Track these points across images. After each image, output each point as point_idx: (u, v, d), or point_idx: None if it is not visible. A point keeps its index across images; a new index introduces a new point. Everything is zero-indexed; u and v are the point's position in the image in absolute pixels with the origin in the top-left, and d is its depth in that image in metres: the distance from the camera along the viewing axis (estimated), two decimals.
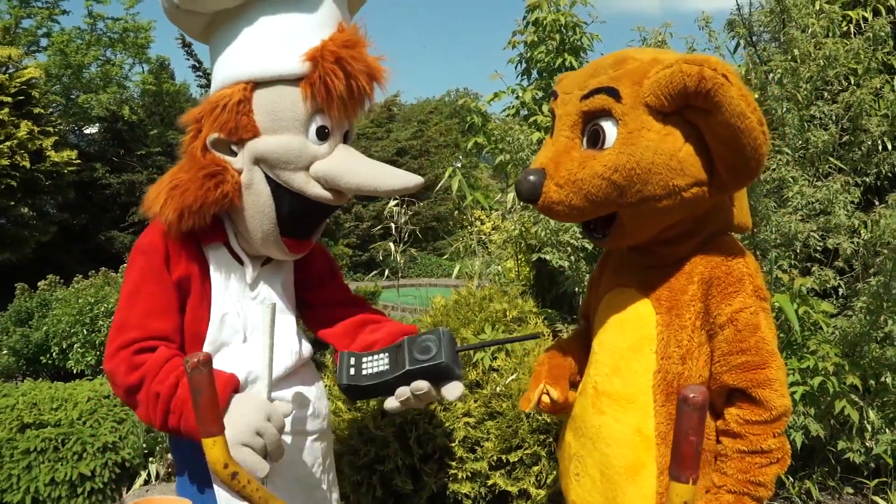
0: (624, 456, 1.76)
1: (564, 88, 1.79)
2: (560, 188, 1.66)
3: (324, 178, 1.83)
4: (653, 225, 1.71)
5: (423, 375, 1.76)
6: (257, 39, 1.82)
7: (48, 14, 18.57)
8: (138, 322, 1.84)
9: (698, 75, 1.51)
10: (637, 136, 1.60)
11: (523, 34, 5.32)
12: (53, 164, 12.94)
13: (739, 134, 1.53)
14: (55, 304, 7.36)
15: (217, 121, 1.80)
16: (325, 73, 1.75)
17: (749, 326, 1.67)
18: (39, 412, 4.18)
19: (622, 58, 1.71)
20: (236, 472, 1.45)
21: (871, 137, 4.38)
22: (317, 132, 1.83)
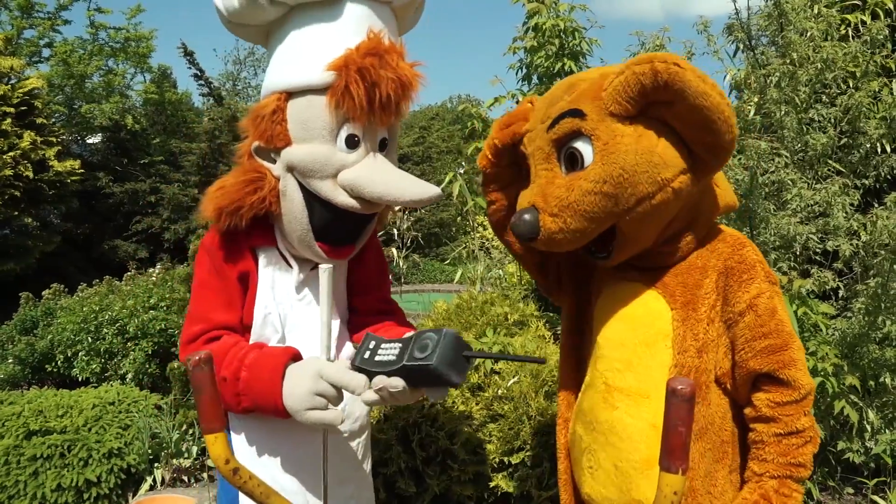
0: (638, 450, 1.77)
1: (531, 125, 1.83)
2: (556, 217, 1.68)
3: (349, 187, 1.86)
4: (653, 227, 1.73)
5: (415, 373, 1.72)
6: (289, 50, 1.88)
7: (50, 24, 18.62)
8: (202, 315, 1.94)
9: (651, 70, 1.55)
10: (613, 144, 1.63)
11: (523, 39, 5.35)
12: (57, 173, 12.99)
13: (707, 112, 1.56)
14: (60, 312, 7.38)
15: (258, 129, 1.87)
16: (347, 83, 1.78)
17: (768, 310, 1.70)
18: (45, 419, 4.20)
19: (571, 83, 1.76)
20: (238, 467, 1.47)
21: (869, 140, 4.40)
22: (346, 140, 1.86)
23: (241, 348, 1.86)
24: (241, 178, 1.87)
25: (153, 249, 17.71)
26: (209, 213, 1.88)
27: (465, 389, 3.51)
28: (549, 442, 3.27)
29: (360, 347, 1.83)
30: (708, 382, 1.76)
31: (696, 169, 1.67)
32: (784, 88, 4.27)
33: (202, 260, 1.99)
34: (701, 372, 1.75)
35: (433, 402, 1.85)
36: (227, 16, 1.94)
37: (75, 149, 19.11)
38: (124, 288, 7.74)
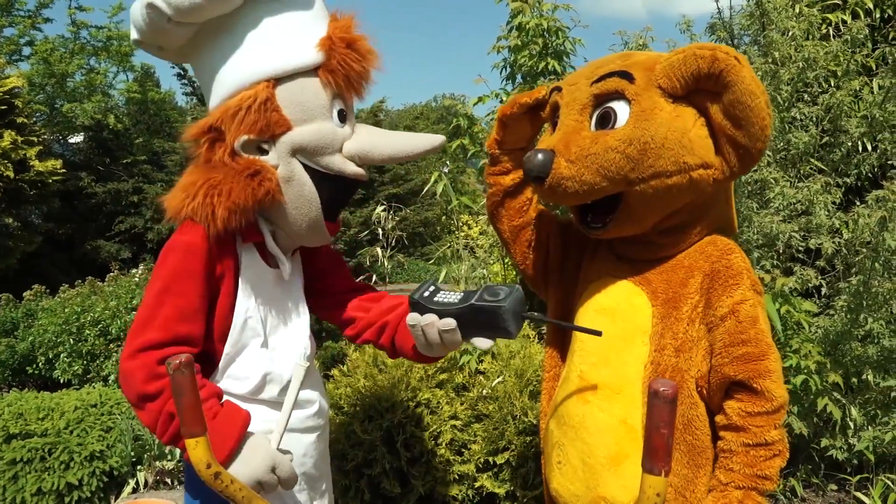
0: (606, 446, 1.76)
1: (570, 81, 1.84)
2: (572, 164, 1.68)
3: (357, 156, 1.92)
4: (658, 208, 1.74)
5: (481, 314, 1.74)
6: (266, 38, 1.86)
7: (31, 23, 18.45)
8: (164, 323, 1.78)
9: (711, 57, 1.59)
10: (650, 113, 1.66)
11: (507, 39, 5.35)
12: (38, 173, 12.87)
13: (750, 112, 1.60)
14: (41, 314, 7.33)
15: (244, 123, 1.81)
16: (341, 59, 1.86)
17: (749, 318, 1.70)
18: (26, 422, 4.16)
19: (628, 53, 1.81)
20: (219, 472, 1.46)
21: (850, 139, 4.42)
22: (338, 115, 1.91)
23: (200, 386, 1.76)
24: (240, 176, 1.80)
25: (136, 250, 17.62)
26: (222, 213, 1.77)
27: (449, 390, 3.51)
28: (534, 441, 3.27)
29: (420, 287, 1.88)
30: (683, 383, 1.75)
31: (718, 168, 1.70)
32: (766, 87, 4.28)
33: (170, 260, 1.84)
34: (677, 371, 1.75)
35: (481, 349, 1.87)
36: (171, 13, 1.79)
37: (57, 148, 18.98)
38: (106, 289, 7.69)
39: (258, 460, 1.75)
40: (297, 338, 2.06)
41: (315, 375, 2.15)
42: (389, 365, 3.55)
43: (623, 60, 1.76)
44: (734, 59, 1.58)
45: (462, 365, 3.60)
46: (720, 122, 1.66)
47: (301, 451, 2.00)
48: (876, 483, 3.80)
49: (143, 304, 1.84)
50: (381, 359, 3.63)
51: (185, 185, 1.84)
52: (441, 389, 3.49)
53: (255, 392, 1.92)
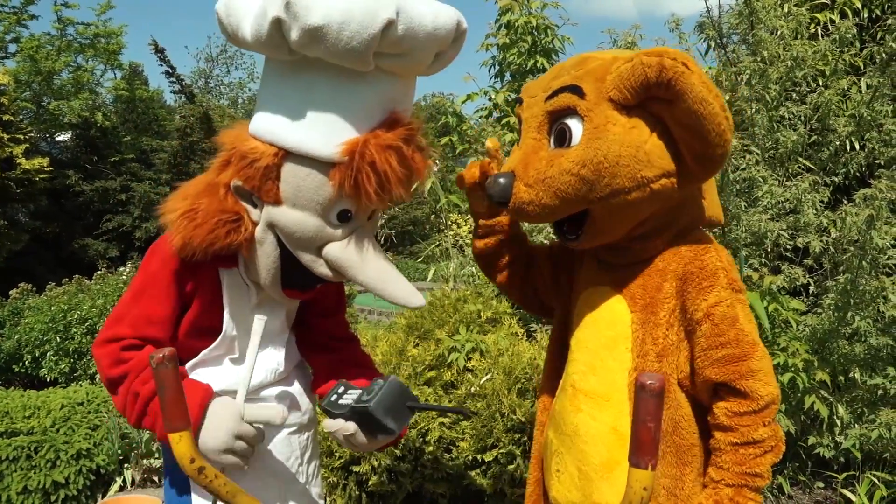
0: (599, 454, 1.77)
1: (530, 93, 1.80)
2: (530, 188, 1.67)
3: (333, 263, 1.81)
4: (625, 220, 1.71)
5: (361, 417, 1.77)
6: (302, 108, 1.72)
7: (16, 19, 18.34)
8: (133, 322, 1.85)
9: (658, 65, 1.53)
10: (603, 130, 1.62)
11: (496, 37, 5.35)
12: (25, 171, 12.82)
13: (703, 120, 1.55)
14: (27, 312, 7.30)
15: (243, 171, 1.75)
16: (356, 172, 1.67)
17: (727, 319, 1.66)
18: (11, 420, 4.12)
19: (584, 58, 1.73)
20: (203, 466, 1.45)
21: (838, 137, 4.44)
22: (339, 215, 1.78)
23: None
24: (215, 217, 1.75)
25: (124, 248, 17.56)
26: (176, 241, 1.76)
27: (437, 387, 3.50)
28: (522, 439, 3.27)
29: (331, 391, 1.88)
30: (668, 386, 1.74)
31: (681, 174, 1.66)
32: (755, 86, 4.30)
33: (151, 263, 1.89)
34: (662, 376, 1.74)
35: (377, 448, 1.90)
36: (231, 39, 1.78)
37: (44, 146, 18.89)
38: (94, 287, 7.66)
39: (227, 418, 1.76)
40: (272, 354, 2.03)
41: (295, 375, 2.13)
42: (378, 362, 3.55)
43: (577, 69, 1.70)
44: (682, 66, 1.52)
45: (450, 362, 3.59)
46: (676, 130, 1.62)
47: (266, 446, 1.98)
48: (862, 480, 3.81)
49: (123, 297, 1.91)
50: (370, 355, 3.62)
51: (184, 194, 1.83)
52: (429, 387, 3.49)
53: (220, 393, 1.91)
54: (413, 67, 1.76)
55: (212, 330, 1.93)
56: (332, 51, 1.59)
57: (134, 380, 1.80)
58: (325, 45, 1.58)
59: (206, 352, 1.94)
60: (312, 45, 1.59)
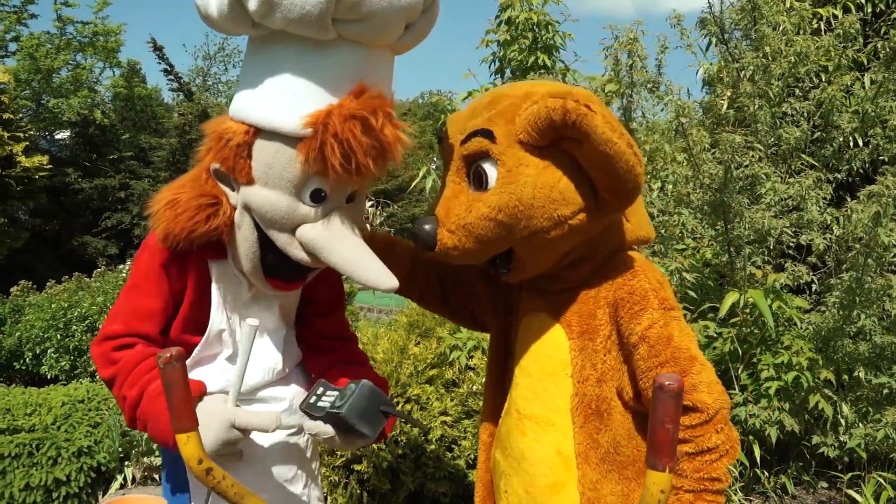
0: (545, 476, 1.80)
1: (450, 132, 1.81)
2: (452, 234, 1.70)
3: (305, 245, 1.77)
4: (549, 256, 1.74)
5: (335, 421, 1.78)
6: (268, 83, 1.70)
7: (16, 18, 18.31)
8: (125, 318, 1.87)
9: (562, 109, 1.54)
10: (515, 173, 1.63)
11: (496, 33, 5.33)
12: (24, 169, 12.80)
13: (610, 159, 1.57)
14: (28, 309, 7.28)
15: (219, 153, 1.74)
16: (321, 144, 1.62)
17: (661, 340, 1.69)
18: (13, 418, 4.12)
19: (497, 96, 1.74)
20: (211, 468, 1.43)
21: (842, 134, 4.42)
22: (311, 195, 1.74)
23: (145, 371, 1.80)
24: (195, 202, 1.75)
25: (123, 246, 17.52)
26: (159, 234, 1.77)
27: (439, 386, 3.50)
28: None
29: (310, 392, 1.88)
30: (609, 409, 1.78)
31: (598, 208, 1.69)
32: (757, 82, 4.28)
33: (142, 260, 1.89)
34: (601, 400, 1.77)
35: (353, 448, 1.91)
36: (204, 19, 1.75)
37: (43, 144, 18.85)
38: (94, 284, 7.65)
39: (216, 423, 1.73)
40: (269, 353, 2.01)
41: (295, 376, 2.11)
42: (379, 360, 3.53)
43: (488, 110, 1.71)
44: (584, 108, 1.54)
45: (452, 361, 3.58)
46: (587, 168, 1.63)
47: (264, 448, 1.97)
48: (868, 481, 3.80)
49: (119, 295, 1.94)
50: (371, 354, 3.61)
51: (169, 186, 1.84)
52: (431, 385, 3.48)
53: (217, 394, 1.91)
54: (379, 36, 1.71)
55: (205, 325, 1.92)
56: (289, 17, 1.57)
57: (123, 383, 1.81)
58: (282, 12, 1.57)
59: (198, 350, 1.92)
60: (270, 14, 1.58)
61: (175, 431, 1.42)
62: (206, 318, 1.92)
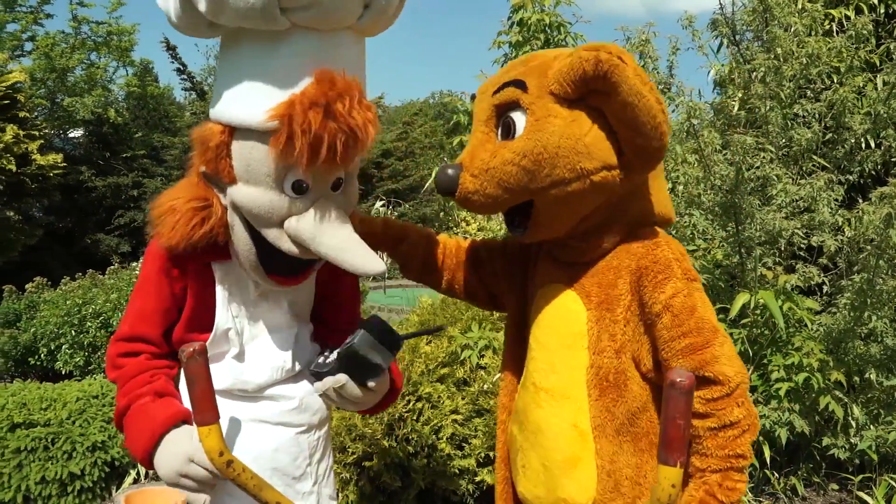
0: (561, 450, 1.79)
1: (482, 89, 1.85)
2: (475, 178, 1.71)
3: (294, 237, 1.77)
4: (569, 213, 1.74)
5: (347, 361, 1.80)
6: (234, 80, 1.73)
7: (33, 18, 18.46)
8: (130, 320, 1.93)
9: (595, 59, 1.56)
10: (543, 122, 1.66)
11: (508, 34, 5.34)
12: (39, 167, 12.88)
13: (638, 112, 1.59)
14: (43, 305, 7.34)
15: (203, 156, 1.76)
16: (289, 136, 1.62)
17: (686, 309, 1.68)
18: (29, 412, 4.17)
19: (530, 56, 1.80)
20: (231, 460, 1.46)
21: (854, 135, 4.42)
22: (293, 187, 1.74)
23: (139, 385, 1.84)
24: (189, 205, 1.77)
25: (135, 244, 17.62)
26: (162, 241, 1.79)
27: (450, 384, 3.51)
28: None
29: (317, 357, 1.93)
30: (626, 381, 1.77)
31: (622, 168, 1.69)
32: (769, 83, 4.28)
33: (146, 262, 1.94)
34: (619, 372, 1.76)
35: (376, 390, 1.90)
36: (172, 25, 1.77)
37: (58, 142, 18.98)
38: (107, 281, 7.69)
39: (178, 453, 1.74)
40: (278, 351, 2.01)
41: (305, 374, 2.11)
42: None
43: (523, 66, 1.76)
44: (617, 59, 1.56)
45: (463, 360, 3.60)
46: (614, 124, 1.66)
47: (272, 446, 1.96)
48: (879, 483, 3.80)
49: (130, 296, 2.00)
50: None
51: (168, 193, 1.84)
52: (442, 384, 3.49)
53: (223, 392, 1.91)
54: (333, 20, 1.69)
55: (210, 325, 1.93)
56: (238, 13, 1.59)
57: (119, 391, 1.87)
58: (230, 9, 1.58)
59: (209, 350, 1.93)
60: (220, 13, 1.60)
61: (197, 424, 1.44)
62: (209, 318, 1.93)
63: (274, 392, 2.00)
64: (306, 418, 2.04)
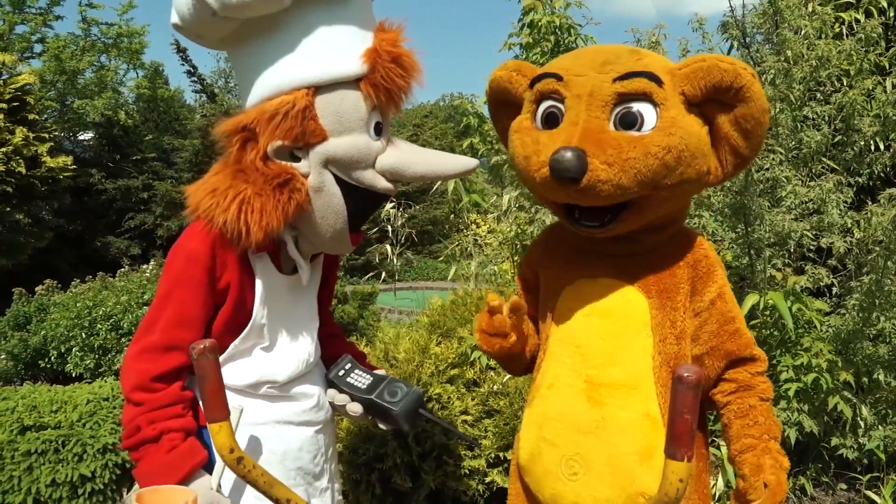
0: (636, 442, 1.76)
1: (575, 70, 1.76)
2: (609, 167, 1.63)
3: (390, 171, 1.92)
4: (665, 209, 1.78)
5: (378, 408, 1.98)
6: (310, 45, 1.83)
7: (42, 20, 18.51)
8: (164, 327, 1.84)
9: (734, 72, 1.63)
10: (681, 119, 1.68)
11: (519, 36, 5.35)
12: (49, 169, 12.93)
13: (759, 127, 1.69)
14: (53, 308, 7.35)
15: (280, 128, 1.79)
16: (385, 72, 1.84)
17: (732, 300, 1.86)
18: (39, 415, 4.18)
19: (636, 51, 1.81)
20: (242, 457, 1.47)
21: (863, 138, 4.42)
22: (375, 128, 1.90)
23: (168, 416, 1.81)
24: (270, 185, 1.78)
25: (146, 246, 17.66)
26: (257, 234, 1.77)
27: (460, 385, 3.52)
28: None
29: (337, 364, 2.07)
30: None
31: (716, 174, 1.80)
32: (779, 86, 4.28)
33: (175, 265, 1.88)
34: (681, 358, 1.82)
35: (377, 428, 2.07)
36: (217, 7, 1.78)
37: (67, 145, 19.06)
38: (118, 284, 7.71)
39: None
40: (303, 343, 2.06)
41: (317, 371, 2.15)
42: (400, 360, 3.57)
43: (636, 58, 1.74)
44: (751, 76, 1.64)
45: (473, 360, 3.61)
46: (727, 132, 1.72)
47: (296, 446, 2.01)
48: (887, 483, 3.79)
49: (152, 305, 1.91)
50: (392, 353, 3.65)
51: (215, 188, 1.83)
52: (452, 385, 3.50)
53: (251, 388, 1.95)
54: None
55: (245, 322, 1.95)
56: None
57: (143, 414, 1.80)
58: None
59: (235, 345, 1.94)
60: None
61: (208, 421, 1.46)
62: (245, 314, 1.94)
63: (296, 391, 2.04)
64: (322, 416, 2.09)
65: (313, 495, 2.06)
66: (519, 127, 1.85)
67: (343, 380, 2.02)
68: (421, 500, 3.38)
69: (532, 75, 1.88)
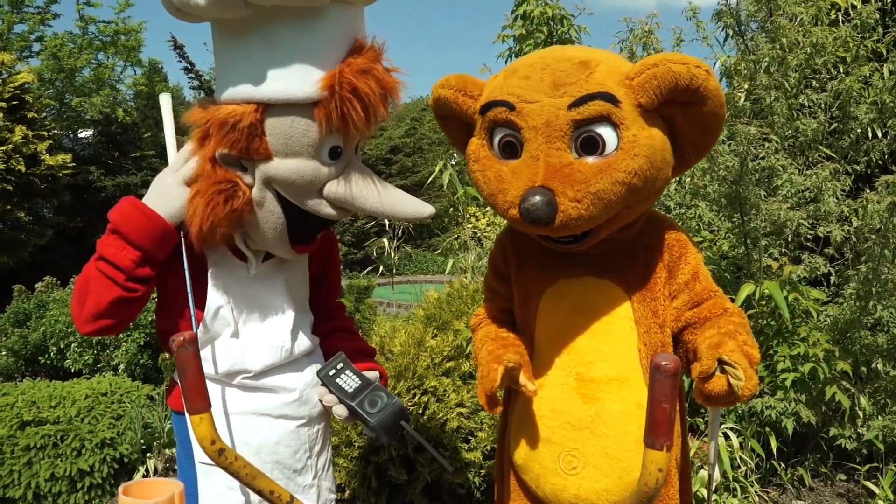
0: (631, 433, 1.77)
1: (526, 96, 1.68)
2: (579, 203, 1.61)
3: (336, 200, 1.84)
4: (635, 215, 1.77)
5: (357, 416, 1.92)
6: (270, 59, 1.74)
7: (40, 19, 18.48)
8: None
9: (688, 73, 1.57)
10: (641, 136, 1.61)
11: (512, 28, 5.34)
12: (48, 167, 12.91)
13: (718, 121, 1.67)
14: (52, 305, 7.36)
15: (226, 138, 1.75)
16: (341, 103, 1.71)
17: (706, 277, 1.88)
18: (39, 410, 4.21)
19: (584, 60, 1.68)
20: (223, 448, 1.47)
21: (860, 125, 4.41)
22: (330, 153, 1.81)
23: None
24: (210, 189, 1.78)
25: None
26: (192, 229, 1.80)
27: (456, 378, 3.52)
28: None
29: (329, 362, 1.99)
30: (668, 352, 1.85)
31: (677, 169, 1.79)
32: (774, 74, 4.27)
33: None
34: (666, 345, 1.83)
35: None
36: (178, 3, 1.75)
37: (67, 143, 19.03)
38: None
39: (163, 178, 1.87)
40: (276, 331, 2.02)
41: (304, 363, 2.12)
42: (396, 353, 3.56)
43: (587, 73, 1.64)
44: (705, 73, 1.58)
45: (469, 353, 3.60)
46: (686, 129, 1.69)
47: (273, 439, 1.98)
48: (885, 473, 3.79)
49: None
50: (388, 347, 3.65)
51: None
52: (448, 377, 3.50)
53: (226, 377, 1.94)
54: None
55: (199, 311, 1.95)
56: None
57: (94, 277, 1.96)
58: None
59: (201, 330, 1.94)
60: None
61: (189, 413, 1.45)
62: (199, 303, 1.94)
63: (275, 383, 2.00)
64: (306, 411, 2.05)
65: (295, 492, 2.01)
66: (478, 156, 1.79)
67: (332, 380, 1.95)
68: (417, 492, 3.37)
69: (477, 93, 1.81)
